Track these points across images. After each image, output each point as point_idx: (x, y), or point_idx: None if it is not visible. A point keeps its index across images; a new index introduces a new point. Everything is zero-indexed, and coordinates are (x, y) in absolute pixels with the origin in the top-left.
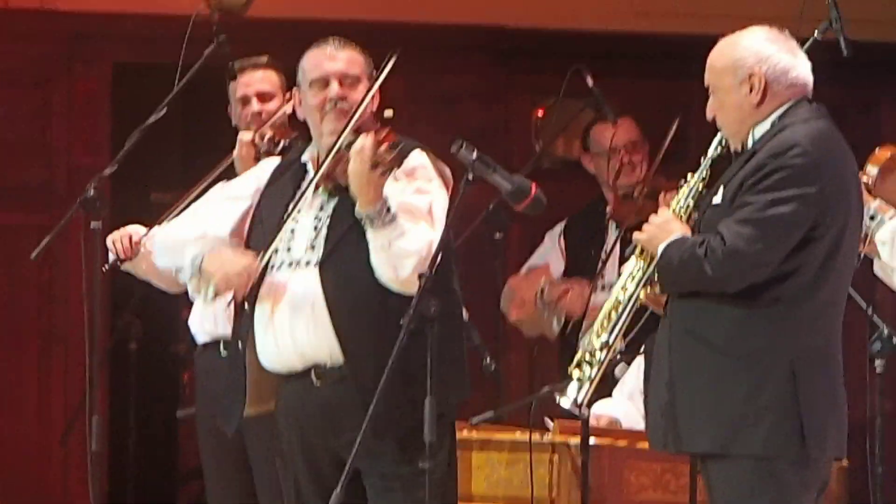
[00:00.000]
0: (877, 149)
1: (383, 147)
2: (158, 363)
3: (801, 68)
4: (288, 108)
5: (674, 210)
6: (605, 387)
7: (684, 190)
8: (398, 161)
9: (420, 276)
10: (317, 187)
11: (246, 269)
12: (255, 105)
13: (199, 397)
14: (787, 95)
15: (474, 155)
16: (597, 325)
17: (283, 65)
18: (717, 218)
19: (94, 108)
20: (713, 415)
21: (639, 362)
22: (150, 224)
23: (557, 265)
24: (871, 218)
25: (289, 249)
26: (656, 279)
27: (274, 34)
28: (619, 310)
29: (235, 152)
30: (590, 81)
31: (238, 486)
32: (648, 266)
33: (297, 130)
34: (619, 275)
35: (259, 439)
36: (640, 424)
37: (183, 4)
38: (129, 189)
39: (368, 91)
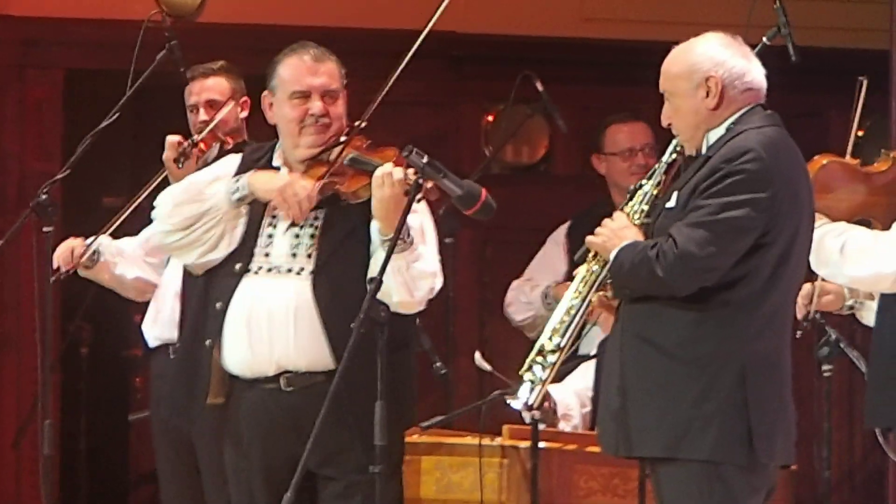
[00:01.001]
0: (815, 157)
1: (412, 172)
2: (109, 368)
3: (755, 73)
4: (241, 114)
5: (628, 215)
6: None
7: (638, 195)
8: (437, 191)
9: (370, 281)
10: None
11: (308, 196)
12: (202, 114)
13: (152, 400)
14: (742, 101)
15: (424, 160)
16: (549, 329)
17: (239, 69)
18: (670, 222)
19: (46, 114)
20: (662, 419)
21: (586, 365)
22: (100, 228)
23: (560, 266)
24: None
25: (267, 255)
26: (609, 283)
27: (226, 39)
28: (572, 313)
29: (164, 154)
30: (539, 87)
31: (192, 488)
32: (601, 270)
33: (246, 135)
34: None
35: (209, 443)
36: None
37: (135, 10)
38: (81, 194)
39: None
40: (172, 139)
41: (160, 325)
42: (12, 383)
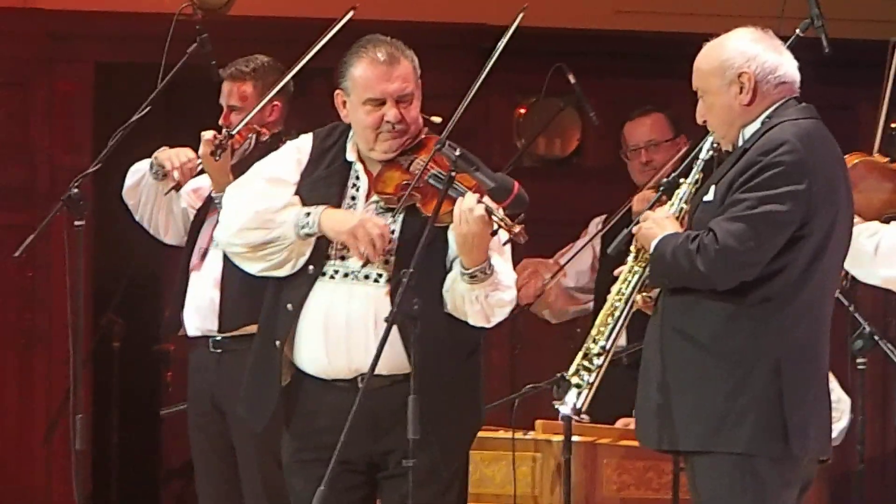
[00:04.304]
0: (844, 157)
1: (501, 211)
2: (141, 362)
3: (787, 66)
4: (268, 117)
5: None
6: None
7: (677, 194)
8: (523, 233)
9: (402, 273)
10: (390, 205)
11: (382, 234)
12: (222, 118)
13: (190, 394)
14: (776, 95)
15: (457, 152)
16: (594, 331)
17: (276, 61)
18: (707, 216)
19: (76, 108)
20: (698, 412)
21: None
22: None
23: (586, 255)
24: None
25: (343, 258)
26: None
27: (256, 32)
28: (616, 315)
29: (200, 150)
30: (571, 79)
31: (227, 483)
32: (644, 270)
33: (282, 125)
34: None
35: (247, 437)
36: None
37: (165, 3)
38: (112, 188)
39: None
40: (207, 135)
41: (201, 315)
42: (43, 378)
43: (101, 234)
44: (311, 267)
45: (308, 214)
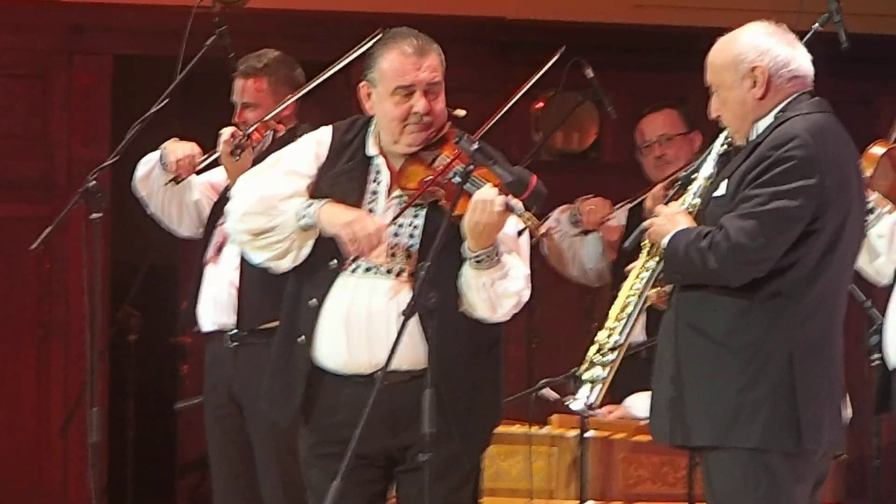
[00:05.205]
0: (871, 144)
1: (519, 206)
2: (157, 355)
3: (800, 60)
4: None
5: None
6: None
7: (691, 189)
8: (539, 223)
9: (420, 266)
10: (410, 200)
11: (377, 232)
12: (236, 117)
13: (207, 387)
14: (789, 89)
15: (475, 146)
16: (607, 326)
17: (291, 58)
18: (719, 211)
19: (94, 100)
20: (711, 407)
21: None
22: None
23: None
24: (870, 211)
25: None
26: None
27: (275, 26)
28: (629, 310)
29: (219, 149)
30: (589, 73)
31: (243, 476)
32: (657, 265)
33: (296, 119)
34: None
35: (263, 431)
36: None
37: None
38: (129, 181)
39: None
40: (225, 134)
41: (218, 309)
42: (59, 370)
43: (118, 226)
44: (333, 261)
45: (310, 206)
